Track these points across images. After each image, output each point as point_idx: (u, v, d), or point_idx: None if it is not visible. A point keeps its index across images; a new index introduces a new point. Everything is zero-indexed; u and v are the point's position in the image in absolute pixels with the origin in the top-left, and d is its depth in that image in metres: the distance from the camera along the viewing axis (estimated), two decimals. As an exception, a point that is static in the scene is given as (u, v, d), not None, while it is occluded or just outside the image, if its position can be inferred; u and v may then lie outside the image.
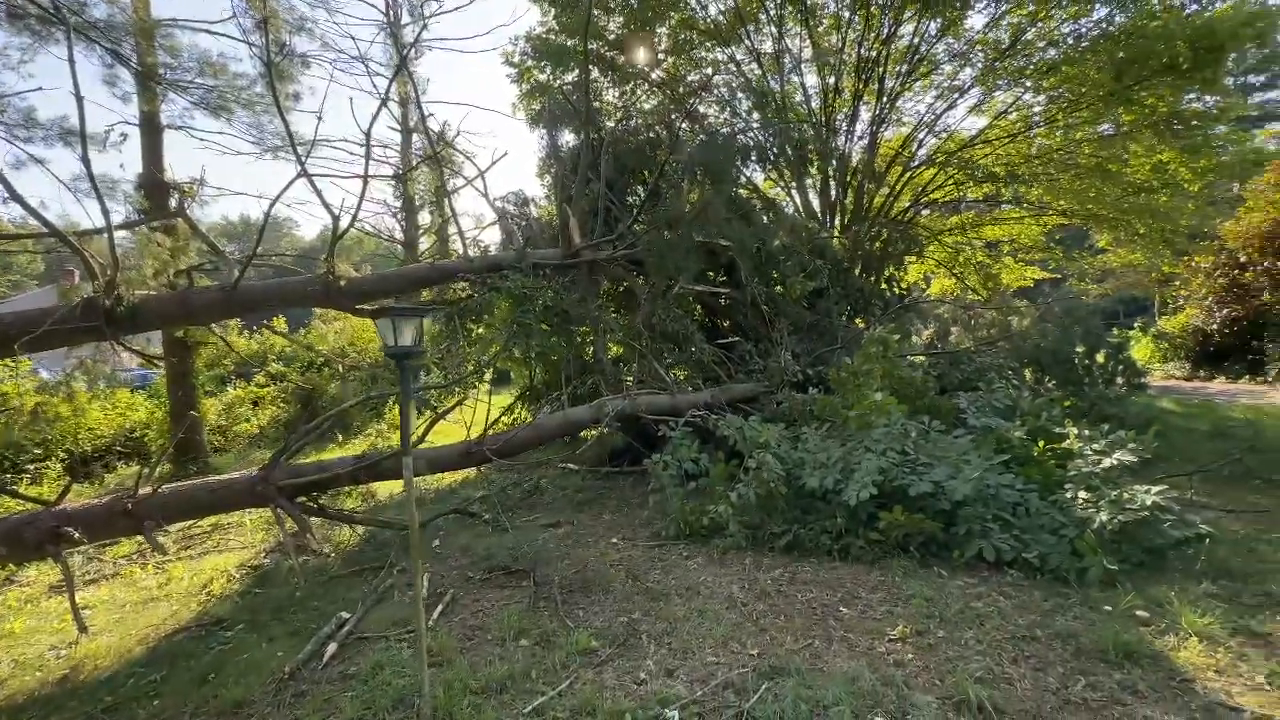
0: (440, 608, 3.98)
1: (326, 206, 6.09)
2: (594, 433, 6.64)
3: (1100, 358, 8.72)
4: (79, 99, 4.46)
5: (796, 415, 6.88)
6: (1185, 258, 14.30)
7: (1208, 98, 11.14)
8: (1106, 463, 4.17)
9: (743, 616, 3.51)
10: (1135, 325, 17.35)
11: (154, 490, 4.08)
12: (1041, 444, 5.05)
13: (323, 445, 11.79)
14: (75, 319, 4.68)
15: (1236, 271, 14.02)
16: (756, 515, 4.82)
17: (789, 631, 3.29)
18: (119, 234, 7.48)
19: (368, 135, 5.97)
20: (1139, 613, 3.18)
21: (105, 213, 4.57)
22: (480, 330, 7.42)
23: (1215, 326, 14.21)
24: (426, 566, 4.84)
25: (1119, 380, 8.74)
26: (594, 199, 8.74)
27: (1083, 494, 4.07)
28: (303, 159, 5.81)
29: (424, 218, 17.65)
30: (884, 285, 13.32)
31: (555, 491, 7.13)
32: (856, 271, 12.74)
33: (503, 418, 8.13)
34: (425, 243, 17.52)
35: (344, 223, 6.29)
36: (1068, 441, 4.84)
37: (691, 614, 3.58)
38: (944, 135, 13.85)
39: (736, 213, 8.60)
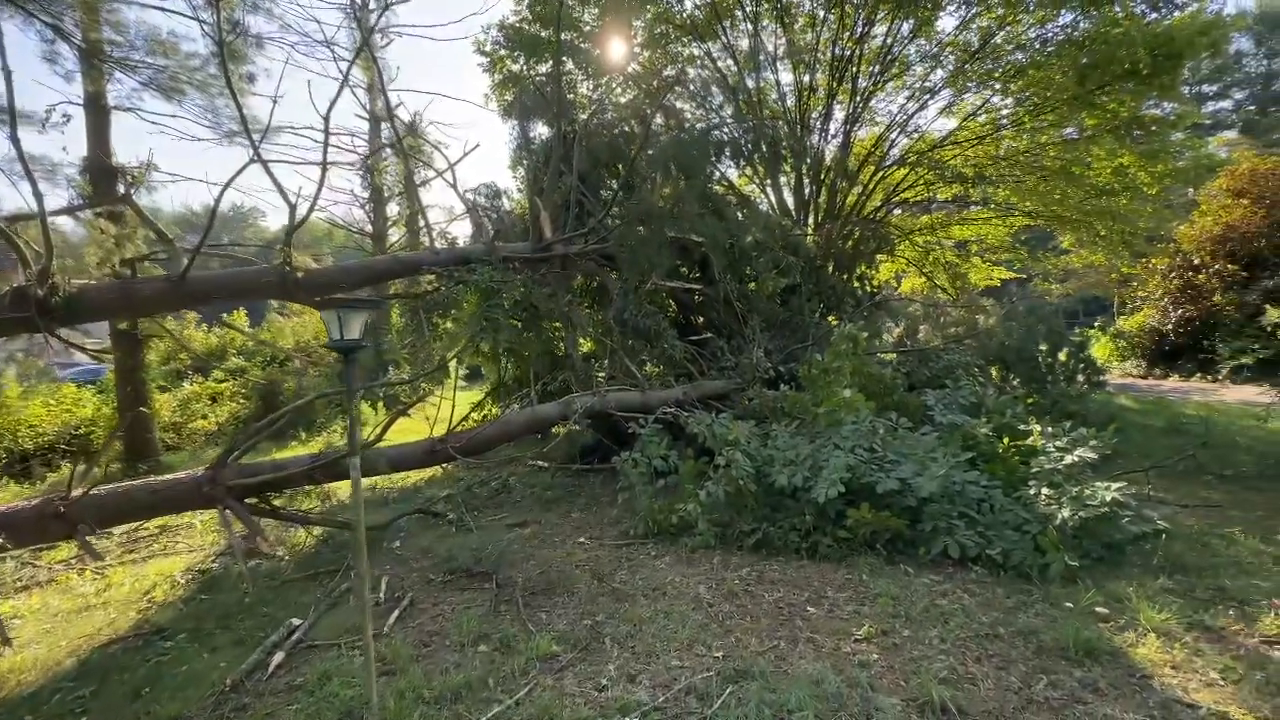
0: (397, 612, 3.82)
1: (283, 194, 5.86)
2: (564, 430, 6.50)
3: (1063, 356, 8.92)
4: (7, 73, 4.18)
5: (767, 412, 6.87)
6: (1143, 260, 14.76)
7: (1166, 104, 11.48)
8: (1068, 460, 4.21)
9: (709, 617, 3.44)
10: (1095, 324, 17.88)
11: (85, 491, 3.83)
12: (1006, 441, 5.10)
13: (283, 443, 11.43)
14: (4, 309, 4.38)
15: (1190, 273, 14.52)
16: (726, 513, 4.76)
17: (755, 633, 3.23)
18: (63, 221, 7.08)
19: (326, 120, 5.72)
20: (1099, 609, 3.21)
21: (38, 196, 4.28)
22: (448, 325, 7.22)
23: (1170, 326, 14.71)
24: (386, 570, 4.67)
25: (1080, 378, 8.96)
26: (566, 192, 8.59)
27: (1045, 490, 4.10)
28: (257, 144, 5.57)
29: (395, 209, 17.23)
30: (856, 283, 13.47)
31: (524, 490, 6.99)
32: (829, 269, 12.86)
33: (473, 414, 7.95)
34: (397, 235, 17.10)
35: (302, 211, 6.05)
36: (1031, 439, 4.89)
37: (657, 615, 3.50)
38: (915, 136, 14.04)
39: (709, 208, 8.55)
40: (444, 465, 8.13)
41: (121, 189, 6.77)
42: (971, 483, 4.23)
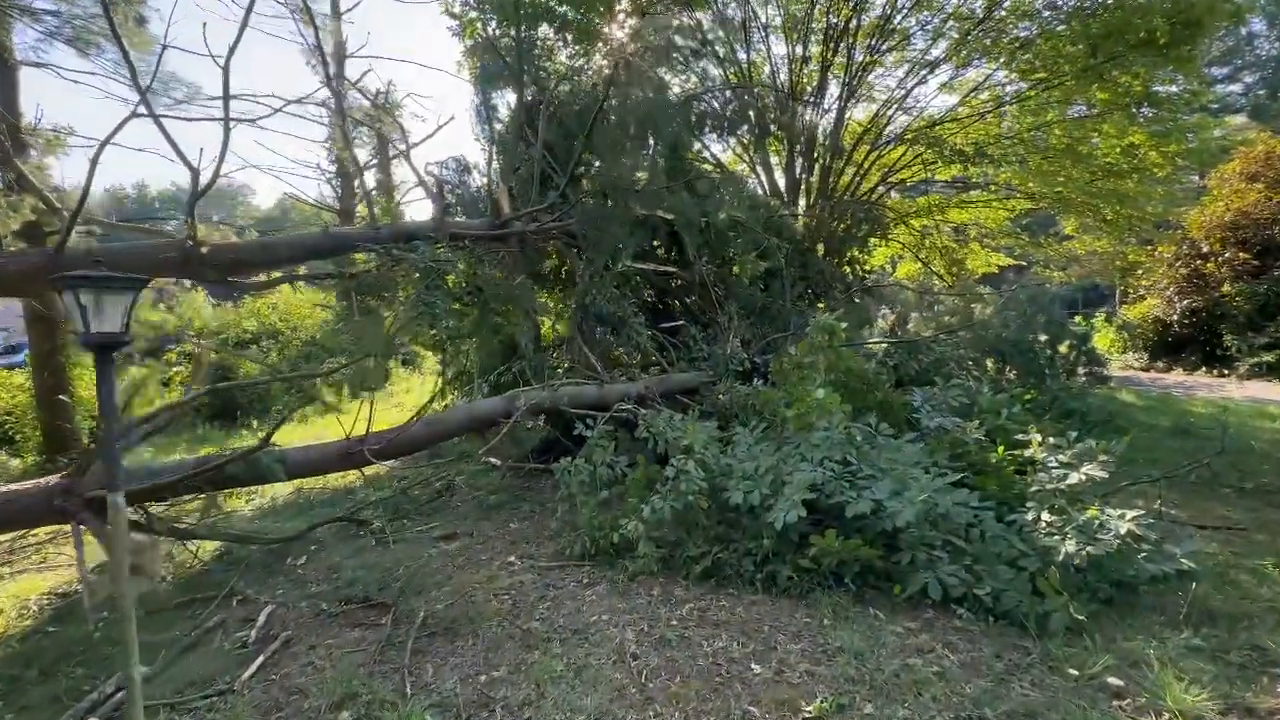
0: (262, 659, 3.16)
1: (182, 157, 5.12)
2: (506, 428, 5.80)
3: (1064, 348, 8.26)
4: None
5: (738, 410, 6.21)
6: (1150, 246, 14.05)
7: (1179, 79, 10.69)
8: (1073, 478, 3.55)
9: (629, 677, 2.79)
10: (1098, 314, 17.21)
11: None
12: (1001, 450, 4.44)
13: (234, 433, 10.76)
14: None
15: (1199, 261, 13.83)
16: (675, 532, 4.11)
17: (681, 703, 2.58)
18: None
19: (225, 70, 4.94)
20: (1112, 680, 2.56)
21: None
22: (387, 309, 6.49)
23: (1175, 317, 14.05)
24: (278, 595, 4.02)
25: (1081, 371, 8.31)
26: (532, 165, 7.83)
27: (1046, 516, 3.45)
28: (145, 90, 4.79)
29: (369, 183, 16.33)
30: (847, 268, 12.76)
31: (469, 492, 6.33)
32: (820, 253, 12.13)
33: (434, 405, 7.28)
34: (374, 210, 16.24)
35: (206, 177, 5.30)
36: (1030, 449, 4.22)
37: (567, 672, 2.85)
38: (914, 113, 13.21)
39: (681, 181, 7.78)
40: (388, 464, 7.49)
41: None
42: (959, 504, 3.56)
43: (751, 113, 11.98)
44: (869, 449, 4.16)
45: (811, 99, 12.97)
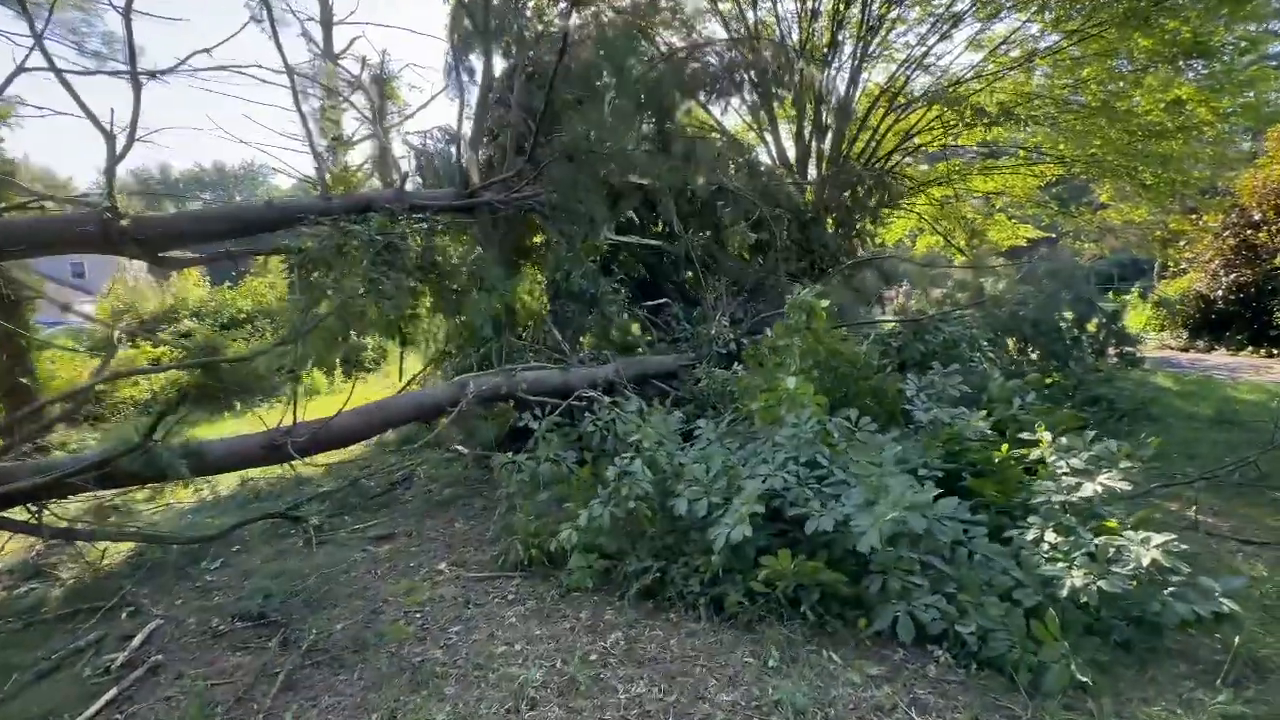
0: (114, 691, 2.74)
1: (95, 121, 4.65)
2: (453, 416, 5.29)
3: (1091, 326, 7.44)
4: None
5: (716, 397, 5.63)
6: (1194, 215, 12.87)
7: (1236, 26, 9.51)
8: (1087, 489, 2.91)
9: (517, 735, 2.29)
10: (1133, 289, 16.02)
11: None
12: (1006, 448, 3.79)
13: (218, 417, 10.52)
14: None
15: (1249, 231, 12.61)
16: (617, 542, 3.58)
17: (565, 778, 2.07)
18: None
19: (126, 15, 4.41)
20: (1123, 768, 1.97)
21: None
22: (334, 289, 5.98)
23: (1220, 292, 12.90)
24: (176, 606, 3.61)
25: (1111, 352, 7.50)
26: (509, 129, 7.22)
27: (1050, 536, 2.82)
28: (40, 33, 4.30)
29: (360, 154, 15.81)
30: (858, 241, 11.92)
31: (427, 484, 5.89)
32: (830, 224, 11.32)
33: (413, 387, 6.84)
34: (369, 176, 15.73)
35: (121, 143, 4.84)
36: (1040, 448, 3.57)
37: (448, 724, 2.36)
38: (936, 72, 12.15)
39: (656, 141, 7.08)
40: (353, 451, 7.09)
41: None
42: (946, 519, 2.94)
43: (753, 71, 11.13)
44: (845, 448, 3.55)
45: (823, 58, 12.01)
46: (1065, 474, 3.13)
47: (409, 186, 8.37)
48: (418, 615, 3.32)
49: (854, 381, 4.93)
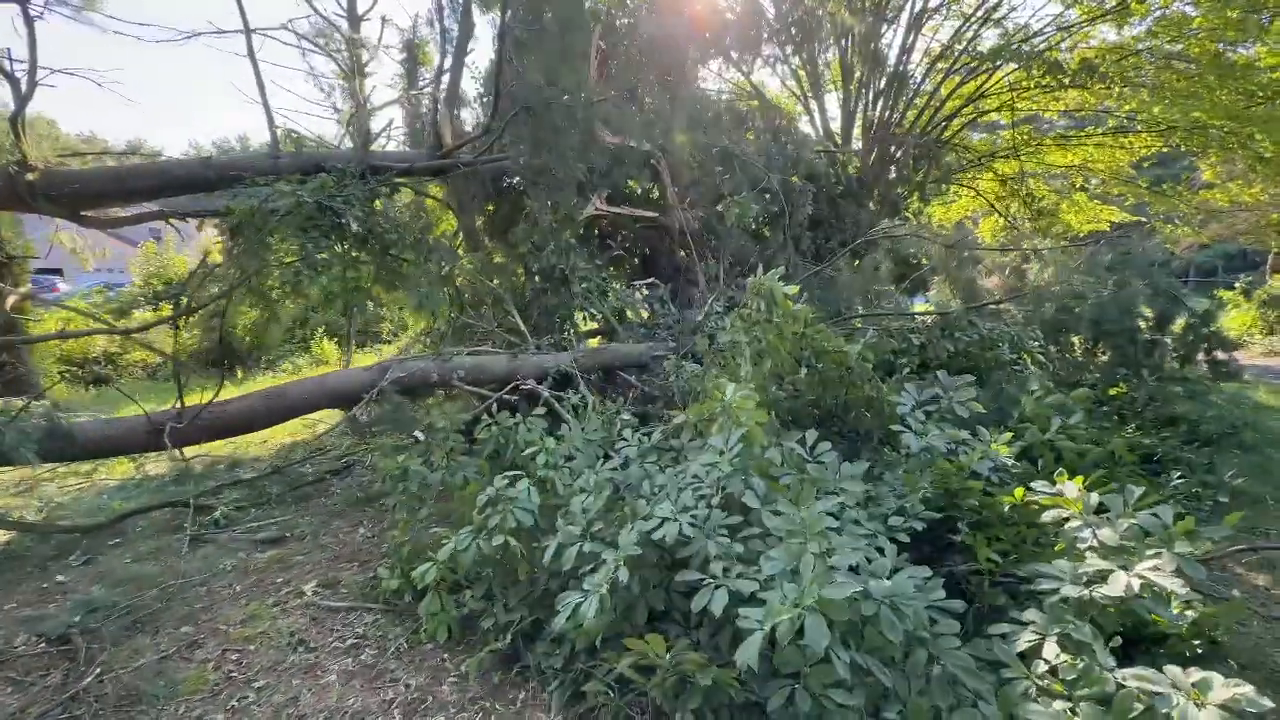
0: None
1: (-5, 62, 4.20)
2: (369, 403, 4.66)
3: (1176, 327, 6.04)
4: None
5: (685, 396, 4.78)
6: (1323, 197, 10.74)
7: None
8: (1118, 584, 1.92)
9: None
10: (1238, 283, 13.76)
11: None
12: (1021, 491, 2.79)
13: (233, 380, 10.46)
14: None
15: (1396, 218, 10.41)
16: (485, 585, 2.84)
17: None
18: None
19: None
20: None
21: None
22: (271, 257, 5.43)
23: (1350, 291, 10.77)
24: (14, 606, 3.16)
25: (1200, 359, 6.09)
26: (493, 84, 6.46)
27: (1052, 651, 1.87)
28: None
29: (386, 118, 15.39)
30: (911, 219, 10.57)
31: (361, 475, 5.36)
32: (874, 201, 10.05)
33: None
34: (387, 142, 15.39)
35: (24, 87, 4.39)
36: (1066, 507, 2.55)
37: None
38: (1008, 25, 10.47)
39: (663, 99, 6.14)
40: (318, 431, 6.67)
41: None
42: (900, 601, 2.03)
43: (793, 27, 9.93)
44: (786, 483, 2.66)
45: (877, 8, 10.58)
46: (1091, 549, 2.14)
47: (394, 147, 7.81)
48: (235, 656, 2.71)
49: (844, 388, 3.97)
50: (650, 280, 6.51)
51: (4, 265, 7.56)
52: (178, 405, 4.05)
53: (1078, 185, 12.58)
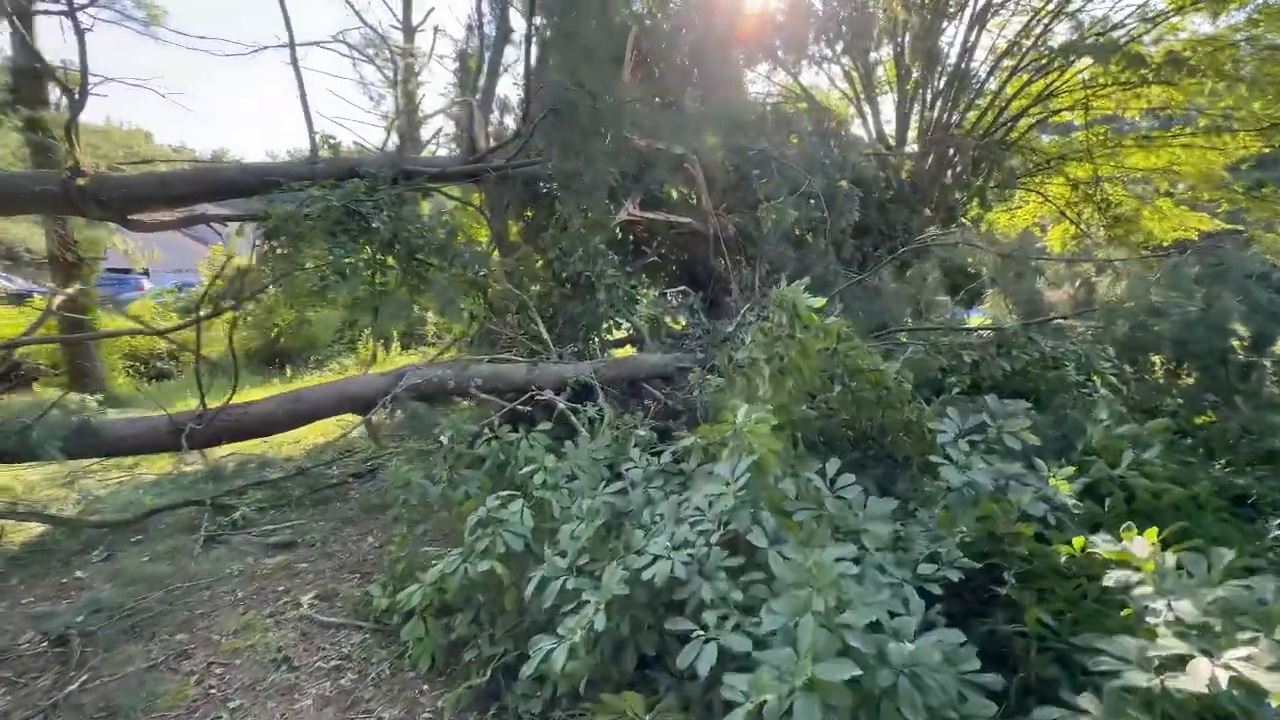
0: None
1: (50, 73, 4.42)
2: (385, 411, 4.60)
3: (1279, 347, 5.31)
4: None
5: (708, 411, 4.52)
6: None
7: None
8: (1199, 675, 1.55)
9: None
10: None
11: None
12: (1081, 541, 2.39)
13: (281, 377, 10.84)
14: None
15: None
16: (475, 611, 2.67)
17: None
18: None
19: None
20: None
21: None
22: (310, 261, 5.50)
23: None
24: (30, 602, 3.23)
25: (1308, 387, 5.33)
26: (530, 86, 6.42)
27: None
28: None
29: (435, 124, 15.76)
30: (960, 224, 9.92)
31: (386, 478, 5.33)
32: (929, 207, 9.49)
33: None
34: (438, 148, 15.74)
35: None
36: (1134, 566, 2.15)
37: None
38: (1084, 19, 9.71)
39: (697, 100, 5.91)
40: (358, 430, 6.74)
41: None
42: (921, 671, 1.72)
43: (844, 25, 9.53)
44: (804, 521, 2.37)
45: (931, 3, 10.03)
46: (1166, 624, 1.76)
47: (443, 154, 7.87)
48: (219, 670, 2.63)
49: (880, 410, 3.61)
50: (682, 289, 6.28)
51: (74, 265, 8.06)
52: (201, 407, 4.11)
53: (1162, 190, 11.53)
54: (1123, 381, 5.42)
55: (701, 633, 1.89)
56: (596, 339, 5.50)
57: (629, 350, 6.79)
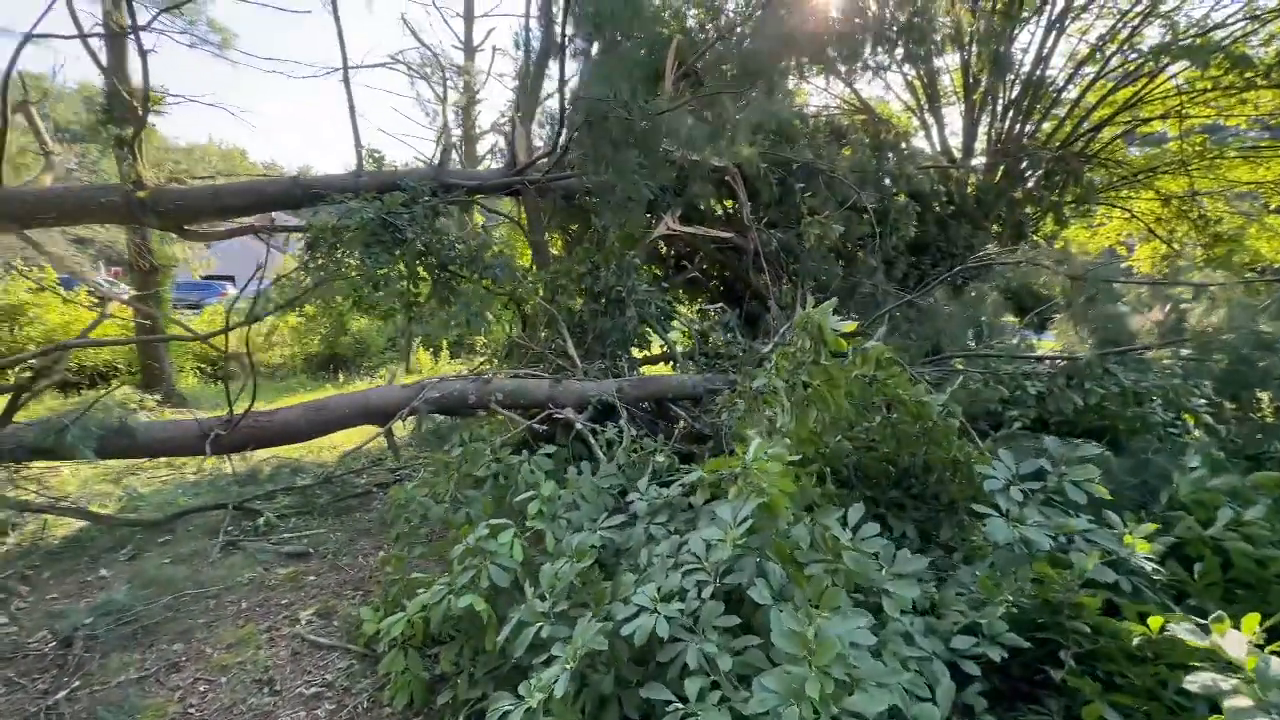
0: None
1: (121, 92, 4.68)
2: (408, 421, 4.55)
3: None
4: None
5: (731, 436, 4.24)
6: None
7: None
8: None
9: None
10: None
11: None
12: (1159, 622, 1.98)
13: (334, 382, 11.23)
14: None
15: None
16: (459, 647, 2.50)
17: None
18: None
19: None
20: None
21: None
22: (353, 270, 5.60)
23: None
24: (46, 602, 3.31)
25: None
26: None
27: None
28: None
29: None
30: (1029, 241, 9.20)
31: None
32: (996, 223, 8.87)
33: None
34: (491, 163, 16.16)
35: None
36: (1234, 650, 1.75)
37: None
38: (1176, 19, 8.91)
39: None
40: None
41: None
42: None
43: (908, 33, 9.06)
44: (825, 574, 2.07)
45: (1003, 7, 9.45)
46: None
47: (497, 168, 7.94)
48: (203, 688, 2.57)
49: (924, 446, 3.24)
50: (719, 305, 6.02)
51: (149, 272, 8.60)
52: (228, 413, 4.19)
53: (1271, 206, 10.36)
54: (1220, 422, 4.75)
55: (680, 706, 1.63)
56: (625, 356, 5.31)
57: (664, 368, 6.58)
